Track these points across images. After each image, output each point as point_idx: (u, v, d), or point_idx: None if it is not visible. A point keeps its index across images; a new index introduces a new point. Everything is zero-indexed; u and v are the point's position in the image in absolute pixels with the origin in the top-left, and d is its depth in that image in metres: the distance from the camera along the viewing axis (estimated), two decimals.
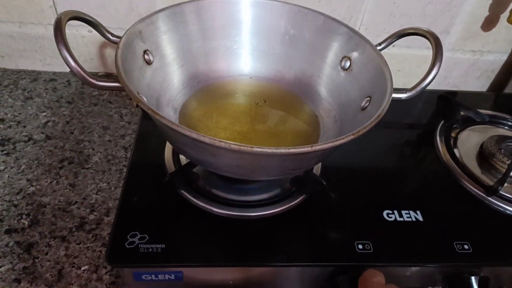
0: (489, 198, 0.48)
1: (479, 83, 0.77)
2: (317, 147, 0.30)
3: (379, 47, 0.45)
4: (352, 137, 0.32)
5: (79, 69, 0.33)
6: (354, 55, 0.45)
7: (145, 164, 0.48)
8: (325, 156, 0.40)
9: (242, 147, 0.29)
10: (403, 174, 0.52)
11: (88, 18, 0.39)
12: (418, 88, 0.39)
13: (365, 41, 0.44)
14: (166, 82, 0.46)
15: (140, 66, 0.41)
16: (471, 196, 0.49)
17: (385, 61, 0.41)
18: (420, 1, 0.64)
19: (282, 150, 0.30)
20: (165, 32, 0.45)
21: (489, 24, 0.67)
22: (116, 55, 0.37)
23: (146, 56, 0.42)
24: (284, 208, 0.44)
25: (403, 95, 0.40)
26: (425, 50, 0.69)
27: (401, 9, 0.65)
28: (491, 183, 0.48)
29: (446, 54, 0.71)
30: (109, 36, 0.41)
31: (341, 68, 0.47)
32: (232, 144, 0.29)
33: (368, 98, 0.41)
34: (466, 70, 0.75)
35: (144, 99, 0.38)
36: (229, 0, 0.47)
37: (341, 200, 0.46)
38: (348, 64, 0.46)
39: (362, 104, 0.41)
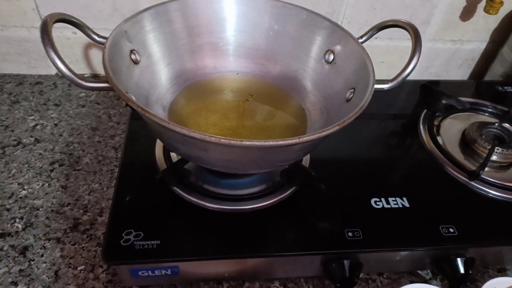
0: (472, 183, 0.50)
1: (460, 72, 0.80)
2: (304, 138, 0.31)
3: (361, 40, 0.46)
4: (337, 127, 0.33)
5: (67, 71, 0.34)
6: (337, 48, 0.46)
7: (136, 163, 0.49)
8: (313, 147, 0.41)
9: (232, 141, 0.30)
10: (389, 163, 0.53)
11: (74, 20, 0.39)
12: (399, 79, 0.41)
13: (348, 34, 0.45)
14: (154, 81, 0.46)
15: (128, 65, 0.42)
16: (455, 182, 0.50)
17: (367, 54, 0.42)
18: None
19: (271, 143, 0.31)
20: (151, 31, 0.45)
21: (467, 13, 0.69)
22: (103, 56, 0.37)
23: (133, 56, 0.43)
24: (275, 200, 0.45)
25: (385, 86, 0.41)
26: (407, 41, 0.69)
27: (382, 1, 0.66)
28: (474, 168, 0.50)
29: (427, 44, 0.73)
30: (95, 37, 0.41)
31: (325, 61, 0.48)
32: (222, 138, 0.30)
33: (352, 90, 0.42)
34: (447, 59, 0.77)
35: (133, 97, 0.38)
36: None
37: (330, 190, 0.48)
38: (331, 57, 0.47)
39: (347, 95, 0.43)
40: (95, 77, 0.71)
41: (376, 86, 0.40)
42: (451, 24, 0.71)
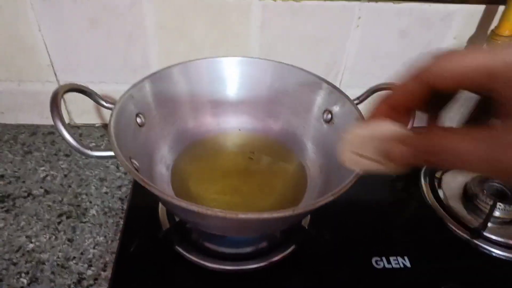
0: (475, 241, 0.49)
1: (461, 116, 0.80)
2: (298, 211, 0.32)
3: (357, 101, 0.47)
4: (331, 198, 0.34)
5: (74, 142, 0.36)
6: (335, 109, 0.48)
7: (140, 218, 0.50)
8: (308, 214, 0.42)
9: (228, 214, 0.31)
10: (390, 216, 0.53)
11: (84, 89, 0.42)
12: None
13: (344, 96, 0.46)
14: (159, 141, 0.48)
15: (133, 129, 0.44)
16: (457, 239, 0.50)
17: (363, 116, 0.43)
18: (399, 44, 0.67)
19: (265, 215, 0.32)
20: (155, 94, 0.47)
21: None
22: (109, 123, 0.39)
23: (138, 119, 0.45)
24: (275, 259, 0.45)
25: None
26: None
27: (382, 52, 0.68)
28: (476, 224, 0.50)
29: None
30: (103, 103, 0.44)
31: (324, 121, 0.49)
32: (218, 211, 0.31)
33: None
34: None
35: (137, 163, 0.40)
36: (214, 60, 0.50)
37: (330, 247, 0.48)
38: (329, 117, 0.48)
39: None
40: (105, 127, 0.74)
41: None
42: None
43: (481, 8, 0.63)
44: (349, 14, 0.62)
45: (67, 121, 0.73)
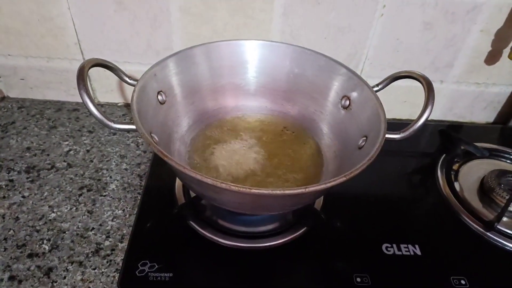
0: (488, 233, 0.49)
1: (485, 114, 0.79)
2: (310, 188, 0.33)
3: (376, 88, 0.47)
4: (344, 179, 0.34)
5: (98, 113, 0.37)
6: (353, 95, 0.48)
7: (157, 195, 0.52)
8: (321, 194, 0.42)
9: (241, 189, 0.32)
10: (403, 206, 0.53)
11: (109, 64, 0.43)
12: (411, 130, 0.41)
13: (363, 82, 0.46)
14: (178, 119, 0.49)
15: (154, 106, 0.45)
16: (470, 231, 0.50)
17: (381, 103, 0.43)
18: (423, 37, 0.66)
19: (278, 192, 0.33)
20: (177, 73, 0.48)
21: (492, 58, 0.69)
22: (132, 99, 0.40)
23: (159, 97, 0.46)
24: (286, 239, 0.46)
25: (397, 136, 0.42)
26: None
27: (405, 44, 0.67)
28: (490, 217, 0.49)
29: (450, 86, 0.73)
30: (127, 79, 0.45)
31: (341, 107, 0.49)
32: (232, 185, 0.32)
33: (365, 138, 0.43)
34: (471, 101, 0.76)
35: (156, 138, 0.41)
36: (236, 43, 0.51)
37: (341, 231, 0.48)
38: (347, 103, 0.48)
39: (359, 143, 0.44)
40: (127, 106, 0.76)
41: (388, 136, 0.41)
42: (475, 68, 0.71)
43: (510, 0, 0.62)
44: (374, 2, 0.62)
45: None
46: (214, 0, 0.61)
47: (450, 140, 0.60)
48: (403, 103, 0.76)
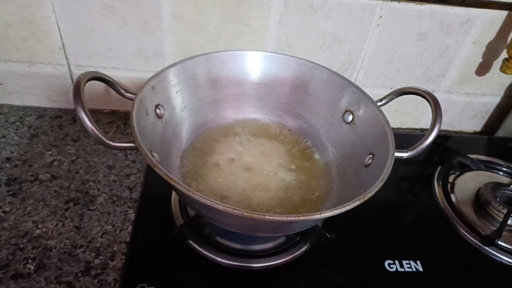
0: (486, 248, 0.49)
1: (473, 123, 0.80)
2: (325, 214, 0.32)
3: (379, 103, 0.47)
4: (358, 202, 0.34)
5: (97, 132, 0.35)
6: (356, 109, 0.47)
7: (152, 210, 0.50)
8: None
9: (255, 215, 0.31)
10: (402, 220, 0.53)
11: (106, 78, 0.41)
12: (419, 148, 0.41)
13: (367, 97, 0.46)
14: (176, 132, 0.47)
15: (153, 121, 0.43)
16: (468, 245, 0.50)
17: (387, 120, 0.43)
18: (417, 47, 0.66)
19: (292, 218, 0.31)
20: (176, 85, 0.46)
21: (483, 69, 0.70)
22: (131, 115, 0.38)
23: (157, 110, 0.44)
24: (287, 259, 0.45)
25: (404, 154, 0.41)
26: None
27: (399, 55, 0.67)
28: (487, 231, 0.50)
29: (442, 96, 0.74)
30: (124, 92, 0.43)
31: (343, 121, 0.48)
32: (245, 212, 0.31)
33: (371, 156, 0.43)
34: (461, 110, 0.77)
35: (157, 156, 0.39)
36: (236, 53, 0.49)
37: (343, 249, 0.48)
38: (350, 117, 0.48)
39: (365, 161, 0.43)
40: (113, 113, 0.73)
41: (396, 154, 0.40)
42: (466, 78, 0.72)
43: (503, 14, 0.63)
44: (371, 12, 0.61)
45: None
46: (209, 6, 0.59)
47: (446, 152, 0.60)
48: (394, 112, 0.76)
